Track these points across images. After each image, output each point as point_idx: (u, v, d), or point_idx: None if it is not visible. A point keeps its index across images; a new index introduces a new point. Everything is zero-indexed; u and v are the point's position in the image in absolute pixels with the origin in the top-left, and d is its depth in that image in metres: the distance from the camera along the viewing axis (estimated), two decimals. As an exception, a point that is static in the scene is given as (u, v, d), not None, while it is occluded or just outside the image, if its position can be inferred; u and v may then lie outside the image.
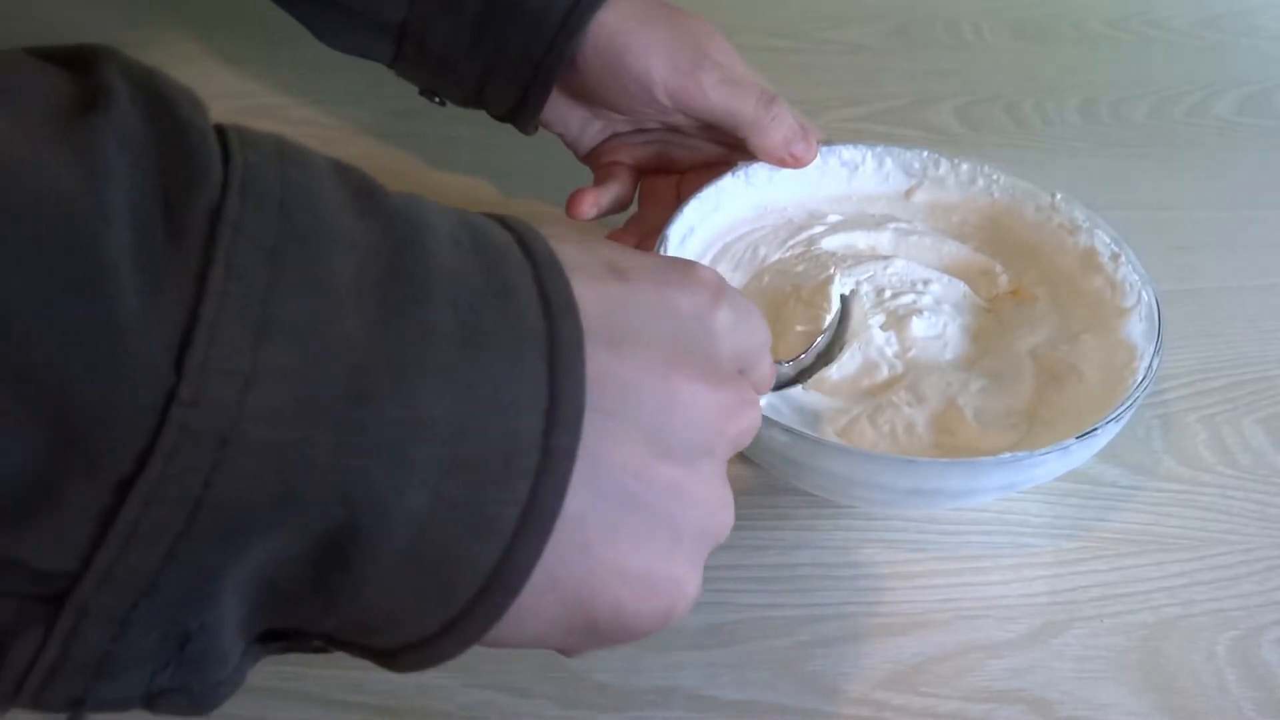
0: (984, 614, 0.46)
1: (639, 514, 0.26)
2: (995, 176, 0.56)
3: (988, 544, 0.49)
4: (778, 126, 0.53)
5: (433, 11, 0.53)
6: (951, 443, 0.46)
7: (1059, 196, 0.55)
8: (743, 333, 0.30)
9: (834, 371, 0.49)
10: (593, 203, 0.56)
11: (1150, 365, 0.46)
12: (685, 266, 0.30)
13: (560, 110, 0.56)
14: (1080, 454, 0.44)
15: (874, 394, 0.48)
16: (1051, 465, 0.44)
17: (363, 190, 0.24)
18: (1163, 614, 0.47)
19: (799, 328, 0.50)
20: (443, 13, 0.53)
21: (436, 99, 0.58)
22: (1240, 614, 0.47)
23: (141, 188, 0.21)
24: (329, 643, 0.26)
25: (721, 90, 0.52)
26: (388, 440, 0.22)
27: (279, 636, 0.25)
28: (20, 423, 0.19)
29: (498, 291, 0.24)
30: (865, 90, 0.79)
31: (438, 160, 0.69)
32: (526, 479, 0.24)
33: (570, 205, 0.56)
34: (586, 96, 0.55)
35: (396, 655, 0.25)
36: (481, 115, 0.59)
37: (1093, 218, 0.53)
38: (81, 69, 0.22)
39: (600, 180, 0.57)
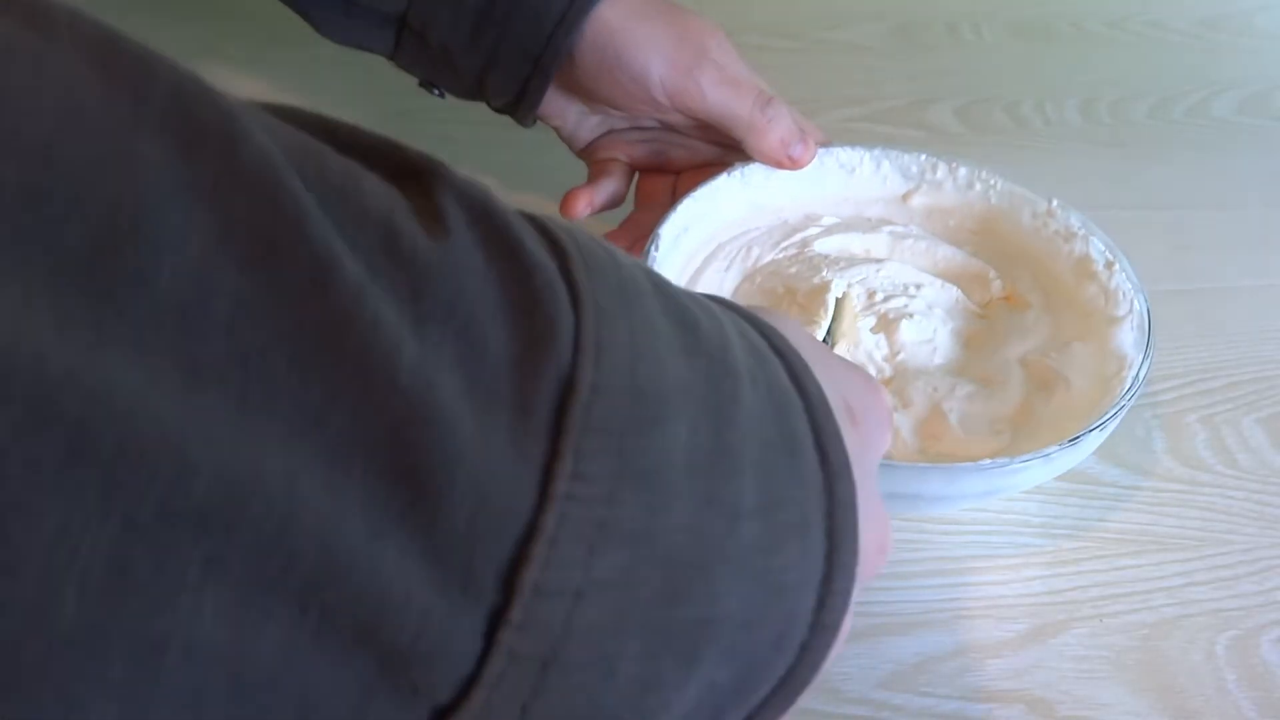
0: (984, 614, 0.46)
1: None
2: (993, 181, 0.56)
3: (988, 544, 0.49)
4: (774, 128, 0.52)
5: (433, 4, 0.53)
6: (936, 448, 0.46)
7: (1055, 203, 0.54)
8: None
9: None
10: (587, 202, 0.56)
11: (1138, 375, 0.46)
12: (878, 394, 0.29)
13: (558, 103, 0.56)
14: (1063, 462, 0.44)
15: None
16: (1033, 472, 0.43)
17: (680, 316, 0.22)
18: (1162, 614, 0.47)
19: (746, 291, 0.50)
20: (443, 5, 0.53)
21: (436, 90, 0.58)
22: (1239, 614, 0.47)
23: (485, 350, 0.19)
24: None
25: (719, 90, 0.52)
26: (684, 642, 0.21)
27: None
28: (346, 653, 0.17)
29: (787, 447, 0.23)
30: (865, 90, 0.79)
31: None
32: (789, 656, 0.23)
33: (564, 205, 0.56)
34: (583, 92, 0.55)
35: None
36: (479, 115, 0.59)
37: (1088, 225, 0.53)
38: (405, 177, 0.20)
39: (595, 176, 0.57)
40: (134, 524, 0.15)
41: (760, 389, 0.23)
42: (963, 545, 0.49)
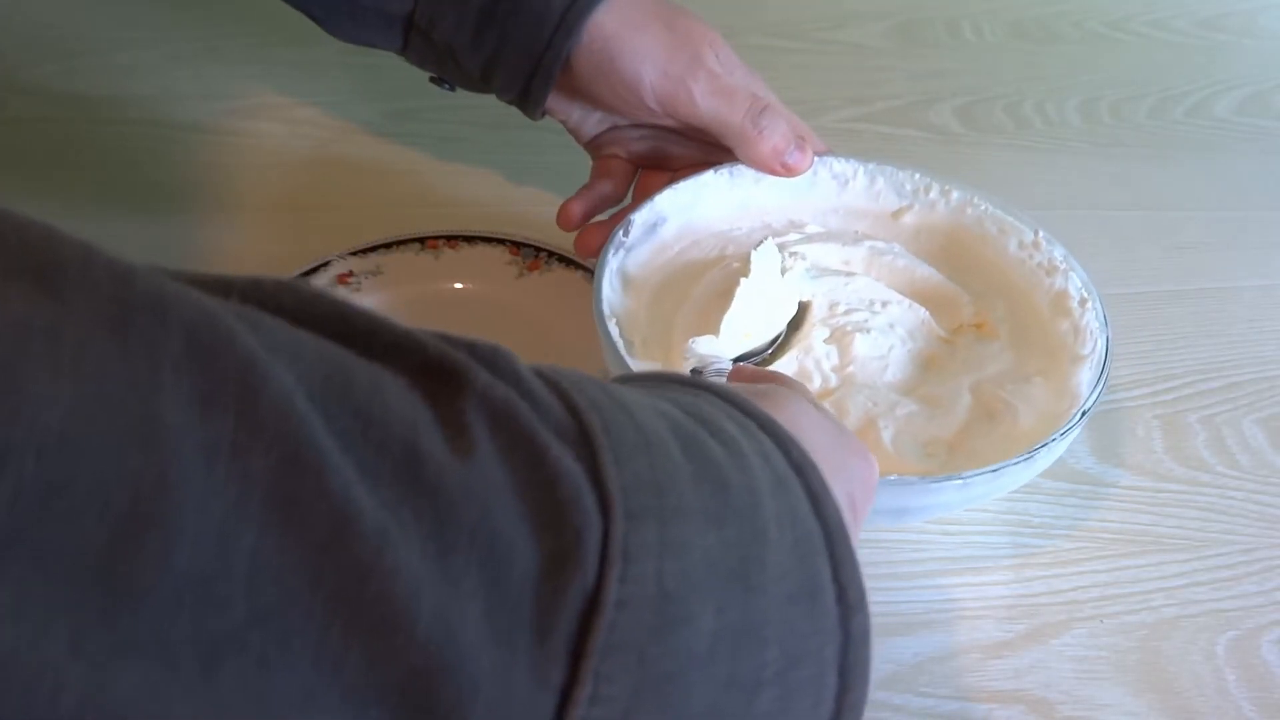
0: (984, 614, 0.46)
1: None
2: (985, 207, 0.55)
3: (988, 544, 0.49)
4: (767, 138, 0.52)
5: (437, 4, 0.53)
6: None
7: (1041, 234, 0.53)
8: None
9: None
10: (581, 213, 0.56)
11: (1079, 412, 0.44)
12: (870, 465, 0.30)
13: (561, 101, 0.57)
14: (980, 490, 0.42)
15: None
16: (948, 496, 0.42)
17: (711, 475, 0.23)
18: (1162, 614, 0.47)
19: (712, 277, 0.50)
20: (447, 6, 0.53)
21: (446, 85, 0.59)
22: (1239, 614, 0.47)
23: (509, 572, 0.19)
24: None
25: (710, 100, 0.52)
26: None
27: None
28: None
29: (807, 591, 0.23)
30: (865, 90, 0.79)
31: (437, 160, 0.69)
32: None
33: (560, 219, 0.56)
34: (581, 94, 0.55)
35: None
36: (479, 116, 0.59)
37: (1069, 259, 0.52)
38: (428, 376, 0.20)
39: (595, 176, 0.58)
40: None
41: (785, 535, 0.23)
42: (963, 546, 0.49)
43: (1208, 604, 0.47)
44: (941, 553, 0.49)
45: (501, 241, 0.60)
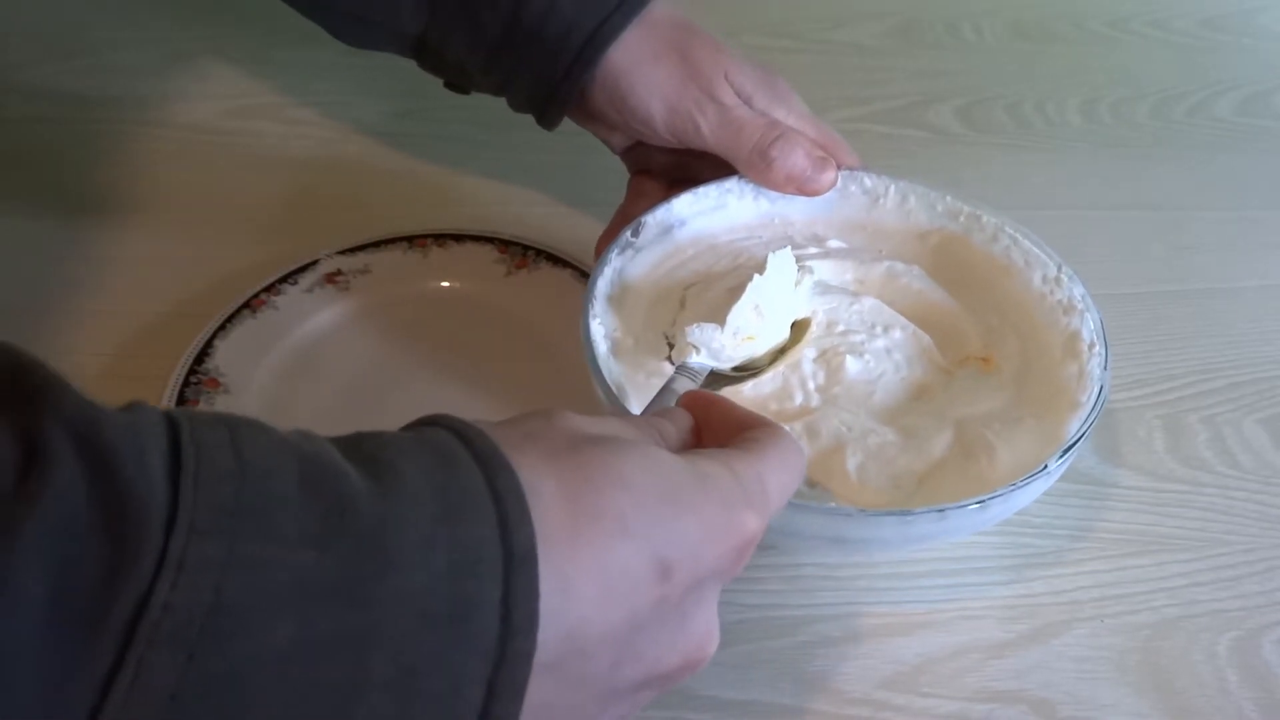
0: (984, 614, 0.46)
1: None
2: (1016, 237, 0.53)
3: (988, 544, 0.49)
4: (777, 169, 0.52)
5: (451, 26, 0.53)
6: (827, 485, 0.44)
7: (1064, 270, 0.52)
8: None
9: (749, 388, 0.47)
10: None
11: (1046, 467, 0.42)
12: (726, 532, 0.30)
13: (580, 119, 0.57)
14: (924, 530, 0.41)
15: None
16: (887, 532, 0.41)
17: (330, 501, 0.24)
18: (1163, 614, 0.47)
19: (726, 281, 0.50)
20: (461, 29, 0.53)
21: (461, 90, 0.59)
22: (1241, 614, 0.47)
23: (68, 574, 0.21)
24: None
25: (718, 134, 0.51)
26: None
27: None
28: None
29: (452, 614, 0.24)
30: (865, 90, 0.79)
31: (438, 160, 0.69)
32: None
33: (598, 254, 0.56)
34: (597, 119, 0.55)
35: None
36: (480, 116, 0.59)
37: (1087, 300, 0.50)
38: (18, 407, 0.22)
39: (631, 195, 0.57)
40: None
41: (434, 558, 0.24)
42: (964, 546, 0.49)
43: (1209, 604, 0.47)
44: (942, 553, 0.49)
45: (489, 240, 0.60)
